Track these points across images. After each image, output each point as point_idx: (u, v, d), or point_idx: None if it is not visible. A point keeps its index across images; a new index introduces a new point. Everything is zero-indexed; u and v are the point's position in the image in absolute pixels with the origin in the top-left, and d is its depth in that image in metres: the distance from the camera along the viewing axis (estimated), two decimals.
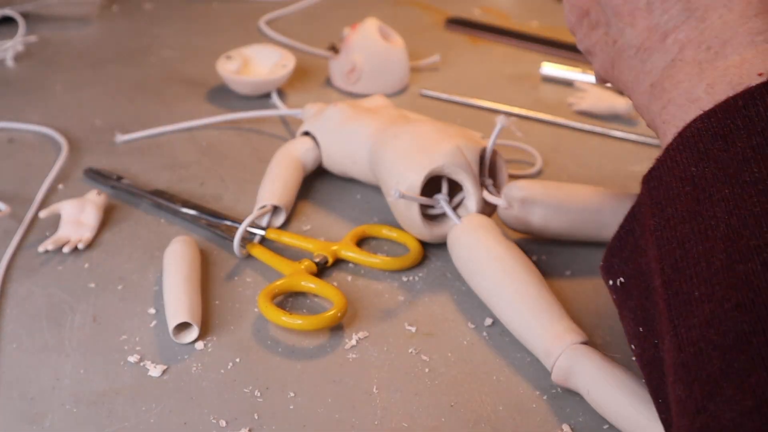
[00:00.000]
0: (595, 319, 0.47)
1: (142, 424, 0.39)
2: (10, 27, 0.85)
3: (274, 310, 0.45)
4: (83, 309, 0.47)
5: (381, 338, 0.45)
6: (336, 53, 0.74)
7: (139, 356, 0.44)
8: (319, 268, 0.50)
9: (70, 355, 0.44)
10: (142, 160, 0.63)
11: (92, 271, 0.50)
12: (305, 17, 0.95)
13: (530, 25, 0.92)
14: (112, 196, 0.57)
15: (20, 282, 0.49)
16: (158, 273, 0.50)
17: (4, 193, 0.58)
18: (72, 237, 0.52)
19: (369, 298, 0.49)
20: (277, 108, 0.71)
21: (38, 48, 0.82)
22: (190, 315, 0.44)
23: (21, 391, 0.41)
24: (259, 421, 0.40)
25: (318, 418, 0.40)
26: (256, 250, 0.51)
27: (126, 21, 0.91)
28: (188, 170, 0.61)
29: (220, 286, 0.49)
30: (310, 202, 0.58)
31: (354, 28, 0.74)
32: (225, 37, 0.87)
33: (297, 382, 0.42)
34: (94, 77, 0.77)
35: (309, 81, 0.77)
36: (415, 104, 0.72)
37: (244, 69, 0.74)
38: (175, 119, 0.68)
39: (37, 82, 0.75)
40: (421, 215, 0.51)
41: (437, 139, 0.51)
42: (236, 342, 0.45)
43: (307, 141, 0.59)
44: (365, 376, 0.43)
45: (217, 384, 0.42)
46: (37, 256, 0.51)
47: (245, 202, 0.57)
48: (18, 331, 0.45)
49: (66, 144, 0.64)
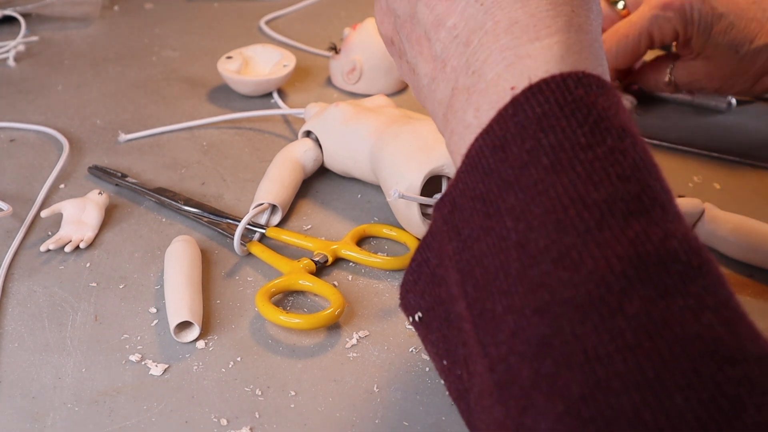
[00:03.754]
0: None
1: (143, 423, 0.40)
2: (11, 27, 0.85)
3: (271, 309, 0.45)
4: (85, 308, 0.47)
5: (381, 337, 0.45)
6: (336, 53, 0.74)
7: (141, 355, 0.44)
8: (319, 267, 0.50)
9: (72, 354, 0.44)
10: (144, 160, 0.63)
11: (93, 270, 0.50)
12: (305, 17, 0.95)
13: None
14: (114, 195, 0.58)
15: (22, 281, 0.49)
16: (159, 272, 0.50)
17: (5, 192, 0.58)
18: (73, 236, 0.52)
19: (369, 297, 0.49)
20: (279, 108, 0.71)
21: (39, 48, 0.83)
22: (191, 314, 0.45)
23: (22, 390, 0.41)
24: (260, 419, 0.40)
25: (319, 417, 0.40)
26: (255, 248, 0.51)
27: (127, 21, 0.92)
28: (189, 170, 0.62)
29: (221, 285, 0.49)
30: (310, 200, 0.58)
31: (354, 28, 0.74)
32: (226, 37, 0.87)
33: (298, 381, 0.42)
34: (95, 77, 0.77)
35: (309, 81, 0.77)
36: (416, 104, 0.72)
37: (244, 69, 0.74)
38: (176, 119, 0.69)
39: (39, 82, 0.75)
40: (421, 215, 0.51)
41: (438, 139, 0.51)
42: (237, 341, 0.45)
43: (307, 142, 0.59)
44: (366, 375, 0.43)
45: (218, 383, 0.42)
46: (38, 255, 0.51)
47: (246, 201, 0.57)
48: (20, 330, 0.45)
49: (67, 144, 0.64)
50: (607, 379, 0.23)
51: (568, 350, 0.24)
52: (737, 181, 0.62)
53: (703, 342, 0.23)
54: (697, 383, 0.22)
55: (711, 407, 0.22)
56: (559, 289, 0.25)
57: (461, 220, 0.30)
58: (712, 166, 0.64)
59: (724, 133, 0.69)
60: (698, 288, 0.24)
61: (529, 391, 0.25)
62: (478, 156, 0.29)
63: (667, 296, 0.24)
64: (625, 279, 0.24)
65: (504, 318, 0.27)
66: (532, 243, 0.26)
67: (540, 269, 0.26)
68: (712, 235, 0.53)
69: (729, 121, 0.72)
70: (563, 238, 0.26)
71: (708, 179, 0.62)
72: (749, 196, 0.61)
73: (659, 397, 0.22)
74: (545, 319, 0.25)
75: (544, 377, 0.24)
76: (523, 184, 0.27)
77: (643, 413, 0.22)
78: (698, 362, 0.23)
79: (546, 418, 0.24)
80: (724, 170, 0.64)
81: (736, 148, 0.66)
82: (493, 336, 0.27)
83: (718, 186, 0.62)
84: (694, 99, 0.72)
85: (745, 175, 0.64)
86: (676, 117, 0.72)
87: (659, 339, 0.23)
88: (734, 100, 0.71)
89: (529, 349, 0.25)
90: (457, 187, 0.30)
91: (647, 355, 0.23)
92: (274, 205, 0.55)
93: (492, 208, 0.28)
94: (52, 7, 0.89)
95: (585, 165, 0.27)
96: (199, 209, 0.55)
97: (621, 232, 0.25)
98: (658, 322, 0.23)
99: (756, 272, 0.52)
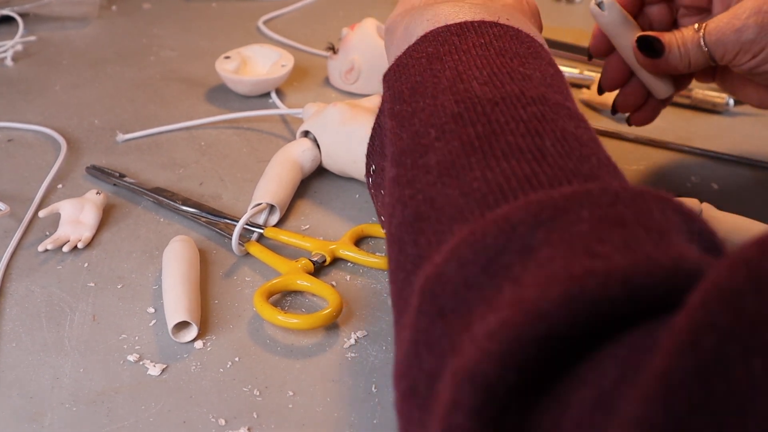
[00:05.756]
0: None
1: (141, 423, 0.40)
2: (9, 27, 0.85)
3: (269, 309, 0.45)
4: (82, 308, 0.47)
5: (380, 337, 0.45)
6: (334, 53, 0.74)
7: (139, 355, 0.44)
8: (317, 267, 0.50)
9: (70, 354, 0.44)
10: (142, 160, 0.63)
11: (91, 270, 0.50)
12: (304, 17, 0.95)
13: None
14: (112, 195, 0.58)
15: (20, 281, 0.49)
16: (157, 272, 0.50)
17: (3, 192, 0.58)
18: (71, 236, 0.52)
19: (367, 297, 0.49)
20: (277, 108, 0.71)
21: (37, 48, 0.83)
22: (189, 314, 0.45)
23: (20, 390, 0.41)
24: (258, 420, 0.40)
25: (317, 417, 0.40)
26: (254, 248, 0.51)
27: (125, 21, 0.91)
28: (187, 170, 0.62)
29: (219, 285, 0.49)
30: (309, 201, 0.58)
31: (352, 28, 0.74)
32: (224, 37, 0.87)
33: (296, 381, 0.42)
34: (93, 77, 0.77)
35: (307, 81, 0.77)
36: None
37: (242, 69, 0.74)
38: (174, 119, 0.68)
39: (37, 82, 0.75)
40: None
41: None
42: (235, 341, 0.45)
43: (306, 142, 0.59)
44: (364, 375, 0.43)
45: (216, 383, 0.42)
46: (36, 255, 0.51)
47: (244, 201, 0.57)
48: (17, 330, 0.45)
49: (65, 144, 0.64)
50: (501, 130, 0.32)
51: (475, 118, 0.33)
52: (735, 181, 0.62)
53: (574, 135, 0.32)
54: (565, 144, 0.31)
55: (570, 149, 0.31)
56: (478, 93, 0.34)
57: (404, 73, 0.38)
58: (710, 166, 0.65)
59: (722, 133, 0.69)
60: (580, 122, 0.34)
61: (431, 143, 0.33)
62: (436, 35, 0.39)
63: (558, 111, 0.33)
64: (531, 99, 0.34)
65: (423, 109, 0.35)
66: (464, 75, 0.35)
67: (466, 86, 0.35)
68: None
69: (727, 121, 0.72)
70: (493, 78, 0.35)
71: (706, 179, 0.62)
72: (747, 196, 0.61)
73: (536, 140, 0.31)
74: (462, 104, 0.34)
75: (448, 132, 0.33)
76: (471, 53, 0.37)
77: (521, 144, 0.31)
78: (570, 138, 0.32)
79: (441, 152, 0.32)
80: (722, 170, 0.64)
81: (734, 148, 0.66)
82: (409, 123, 0.35)
83: (716, 186, 0.62)
84: (693, 99, 0.72)
85: (743, 175, 0.64)
86: (675, 117, 0.72)
87: (546, 125, 0.32)
88: (732, 100, 0.72)
89: (442, 120, 0.33)
90: (407, 53, 0.40)
91: (533, 125, 0.32)
92: (272, 205, 0.55)
93: (435, 60, 0.37)
94: (50, 7, 0.88)
95: (520, 58, 0.37)
96: (197, 209, 0.55)
97: (523, 68, 0.36)
98: (548, 118, 0.33)
99: None
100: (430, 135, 0.33)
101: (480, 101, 0.33)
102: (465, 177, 0.30)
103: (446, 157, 0.32)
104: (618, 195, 0.27)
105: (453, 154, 0.32)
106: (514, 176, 0.29)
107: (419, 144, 0.34)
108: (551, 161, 0.30)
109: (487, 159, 0.30)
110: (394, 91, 0.38)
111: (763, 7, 0.49)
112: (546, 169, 0.29)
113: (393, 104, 0.38)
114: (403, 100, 0.37)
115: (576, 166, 0.30)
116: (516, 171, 0.29)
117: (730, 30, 0.50)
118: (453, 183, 0.31)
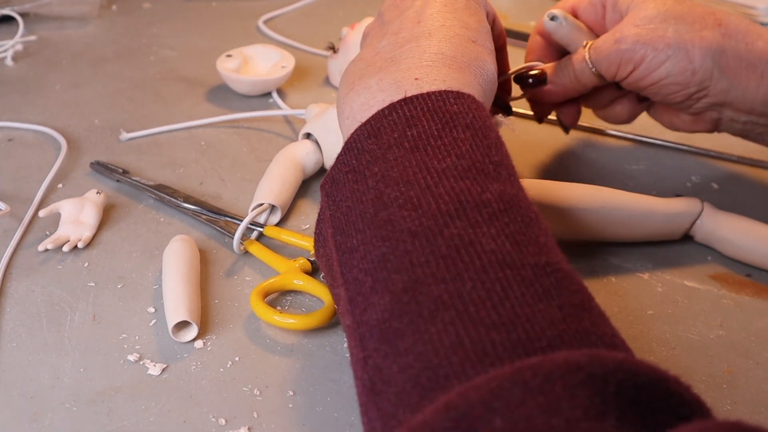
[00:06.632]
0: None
1: (141, 423, 0.40)
2: (9, 26, 0.85)
3: (266, 308, 0.45)
4: (83, 308, 0.47)
5: None
6: (335, 53, 0.74)
7: (139, 355, 0.44)
8: (315, 267, 0.50)
9: (70, 354, 0.44)
10: (142, 159, 0.63)
11: (92, 270, 0.50)
12: (304, 17, 0.95)
13: (529, 25, 0.92)
14: (112, 194, 0.58)
15: (20, 281, 0.49)
16: (157, 272, 0.50)
17: (3, 192, 0.58)
18: (71, 236, 0.52)
19: None
20: (278, 107, 0.71)
21: (37, 47, 0.82)
22: (189, 314, 0.45)
23: (21, 390, 0.41)
24: (258, 419, 0.40)
25: (317, 417, 0.40)
26: (253, 247, 0.51)
27: (125, 20, 0.91)
28: (187, 169, 0.62)
29: (219, 285, 0.49)
30: (309, 200, 0.58)
31: (353, 28, 0.74)
32: (224, 36, 0.87)
33: (296, 381, 0.42)
34: (93, 77, 0.77)
35: (308, 80, 0.77)
36: None
37: (243, 68, 0.74)
38: (175, 119, 0.68)
39: (37, 82, 0.75)
40: None
41: None
42: (235, 340, 0.45)
43: (308, 144, 0.59)
44: None
45: (216, 382, 0.42)
46: (36, 255, 0.51)
47: (244, 201, 0.57)
48: (18, 330, 0.45)
49: (65, 143, 0.64)
50: (424, 276, 0.32)
51: (399, 261, 0.33)
52: (735, 180, 0.63)
53: (494, 254, 0.32)
54: (484, 277, 0.31)
55: (490, 288, 0.31)
56: (400, 223, 0.34)
57: (337, 190, 0.38)
58: (710, 165, 0.65)
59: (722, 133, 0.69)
60: (501, 223, 0.33)
61: (368, 295, 0.33)
62: (354, 142, 0.39)
63: (476, 227, 0.33)
64: (448, 216, 0.33)
65: (357, 248, 0.35)
66: (385, 195, 0.35)
67: (388, 212, 0.34)
68: (710, 235, 0.53)
69: None
70: (409, 191, 0.35)
71: (706, 179, 0.62)
72: (747, 196, 0.61)
73: (456, 285, 0.31)
74: (387, 242, 0.34)
75: (380, 281, 0.33)
76: (387, 158, 0.37)
77: (444, 296, 0.31)
78: (487, 265, 0.31)
79: (377, 309, 0.32)
80: (722, 170, 0.64)
81: (734, 148, 0.66)
82: (349, 264, 0.35)
83: (716, 186, 0.62)
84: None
85: (743, 174, 0.64)
86: None
87: (464, 251, 0.32)
88: None
89: (372, 265, 0.34)
90: (336, 167, 0.39)
91: (453, 261, 0.31)
92: (273, 205, 0.55)
93: (359, 176, 0.37)
94: (50, 7, 0.88)
95: (434, 147, 0.36)
96: (198, 207, 0.55)
97: (451, 188, 0.34)
98: (466, 242, 0.32)
99: (754, 272, 0.52)
100: (366, 284, 0.34)
101: (402, 235, 0.33)
102: (399, 347, 0.31)
103: (382, 315, 0.32)
104: (527, 385, 0.26)
105: (387, 312, 0.32)
106: (442, 346, 0.29)
107: (360, 293, 0.34)
108: (473, 313, 0.30)
109: (416, 322, 0.31)
110: (332, 205, 0.38)
111: (642, 21, 0.51)
112: (470, 330, 0.29)
113: (335, 230, 0.37)
114: (342, 230, 0.37)
115: (497, 316, 0.30)
116: (443, 338, 0.30)
117: (611, 41, 0.52)
118: (391, 353, 0.31)
